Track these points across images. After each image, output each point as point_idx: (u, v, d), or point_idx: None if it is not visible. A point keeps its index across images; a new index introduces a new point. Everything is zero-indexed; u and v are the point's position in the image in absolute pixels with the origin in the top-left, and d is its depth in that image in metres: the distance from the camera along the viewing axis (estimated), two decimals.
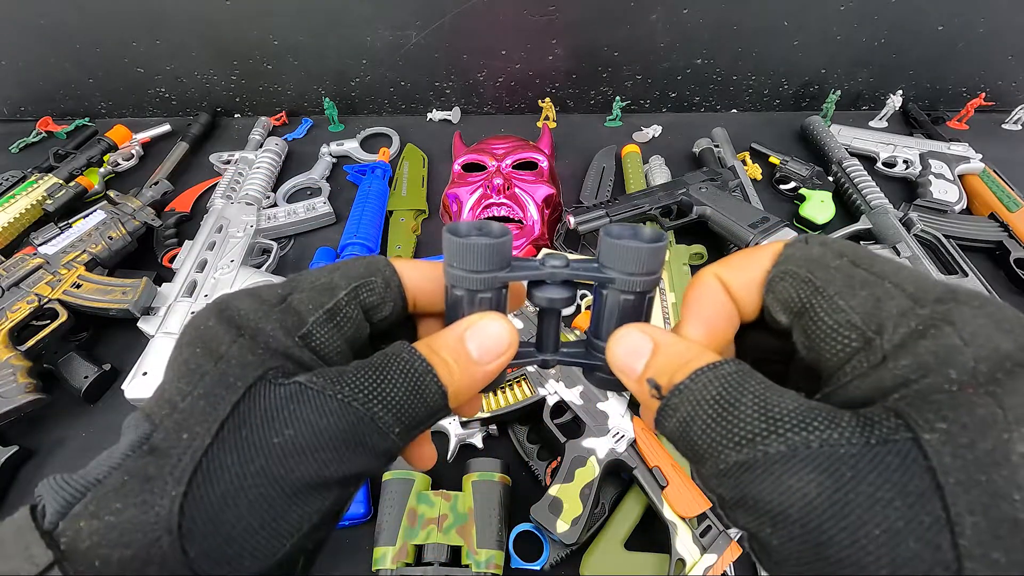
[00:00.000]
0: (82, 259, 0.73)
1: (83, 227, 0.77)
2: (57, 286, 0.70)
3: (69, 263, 0.72)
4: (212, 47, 1.01)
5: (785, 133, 1.01)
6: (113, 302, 0.68)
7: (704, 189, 0.78)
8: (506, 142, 0.86)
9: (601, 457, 0.54)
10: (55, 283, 0.70)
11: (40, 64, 1.04)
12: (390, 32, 0.97)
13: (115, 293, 0.69)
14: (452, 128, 1.05)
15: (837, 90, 0.98)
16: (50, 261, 0.72)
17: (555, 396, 0.59)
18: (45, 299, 0.68)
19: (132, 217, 0.79)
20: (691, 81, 1.03)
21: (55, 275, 0.71)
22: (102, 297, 0.69)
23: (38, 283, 0.70)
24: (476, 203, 0.78)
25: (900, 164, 0.91)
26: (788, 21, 0.94)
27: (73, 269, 0.72)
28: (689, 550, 0.51)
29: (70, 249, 0.74)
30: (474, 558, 0.50)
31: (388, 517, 0.52)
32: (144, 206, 0.81)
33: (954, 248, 0.75)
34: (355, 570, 0.54)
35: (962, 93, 1.01)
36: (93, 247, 0.75)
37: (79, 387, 0.65)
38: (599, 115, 1.06)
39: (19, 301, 0.68)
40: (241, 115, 1.11)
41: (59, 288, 0.69)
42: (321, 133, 1.05)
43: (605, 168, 0.93)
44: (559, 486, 0.53)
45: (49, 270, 0.71)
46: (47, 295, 0.69)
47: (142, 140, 1.03)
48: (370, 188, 0.87)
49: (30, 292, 0.69)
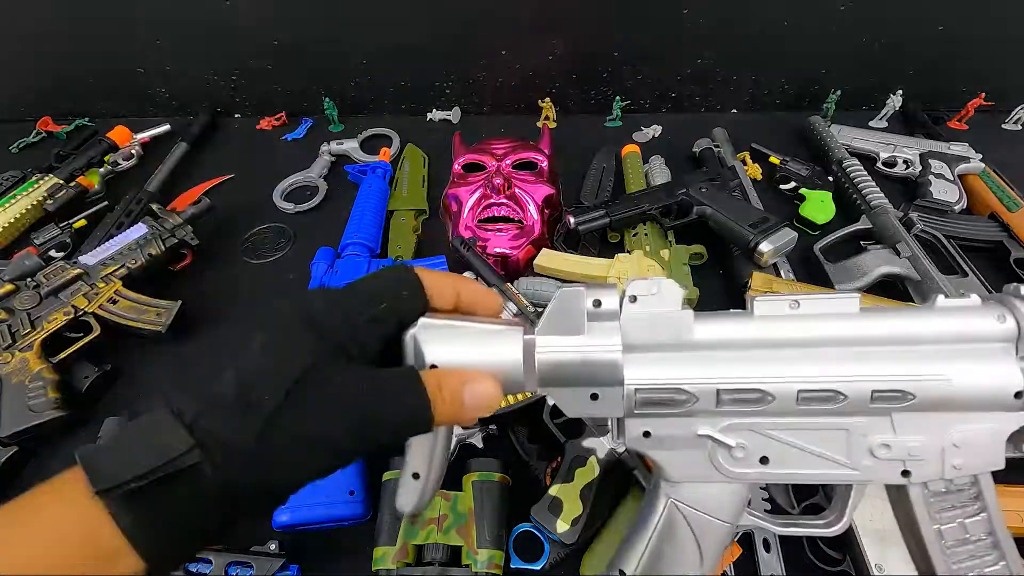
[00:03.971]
0: (120, 273, 0.72)
1: (123, 239, 0.76)
2: (94, 299, 0.69)
3: (107, 276, 0.71)
4: (212, 47, 1.01)
5: (785, 133, 1.01)
6: (147, 323, 0.68)
7: (704, 189, 0.78)
8: (506, 142, 0.86)
9: (601, 457, 0.54)
10: (92, 296, 0.69)
11: (40, 64, 1.04)
12: (390, 32, 0.97)
13: (149, 314, 0.69)
14: (452, 128, 1.05)
15: (837, 90, 0.98)
16: (89, 273, 0.71)
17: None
18: (81, 311, 0.68)
19: (171, 234, 0.77)
20: (691, 81, 1.03)
21: (92, 287, 0.70)
22: (136, 316, 0.69)
23: (76, 294, 0.69)
24: (476, 203, 0.78)
25: (900, 164, 0.91)
26: (788, 21, 0.94)
27: (111, 283, 0.71)
28: None
29: (109, 262, 0.73)
30: (474, 558, 0.50)
31: (388, 517, 0.52)
32: (183, 223, 0.79)
33: (954, 248, 0.75)
34: (355, 570, 0.54)
35: (962, 93, 1.00)
36: (132, 263, 0.74)
37: (79, 388, 0.65)
38: (599, 115, 1.06)
39: (56, 311, 0.67)
40: (241, 115, 1.11)
41: (96, 302, 0.69)
42: (321, 133, 1.05)
43: (605, 168, 0.93)
44: (559, 486, 0.53)
45: (88, 282, 0.70)
46: (83, 307, 0.68)
47: (142, 140, 1.03)
48: (371, 188, 0.87)
49: (68, 303, 0.68)
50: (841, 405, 0.29)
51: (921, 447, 0.30)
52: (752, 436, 0.31)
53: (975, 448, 0.30)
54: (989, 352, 0.28)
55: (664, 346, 0.30)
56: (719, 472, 0.32)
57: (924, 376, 0.28)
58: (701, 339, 0.30)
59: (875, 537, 0.50)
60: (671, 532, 0.33)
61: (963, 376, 0.28)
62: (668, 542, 0.33)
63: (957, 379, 0.28)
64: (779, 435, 0.31)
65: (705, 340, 0.30)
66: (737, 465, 0.32)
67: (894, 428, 0.30)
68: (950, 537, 0.31)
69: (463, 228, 0.76)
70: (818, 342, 0.30)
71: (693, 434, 0.31)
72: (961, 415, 0.29)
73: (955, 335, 0.29)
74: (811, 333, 0.30)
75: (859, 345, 0.29)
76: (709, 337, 0.30)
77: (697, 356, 0.30)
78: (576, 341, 0.30)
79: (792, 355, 0.30)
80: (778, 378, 0.29)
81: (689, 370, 0.30)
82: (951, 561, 0.31)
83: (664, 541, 0.33)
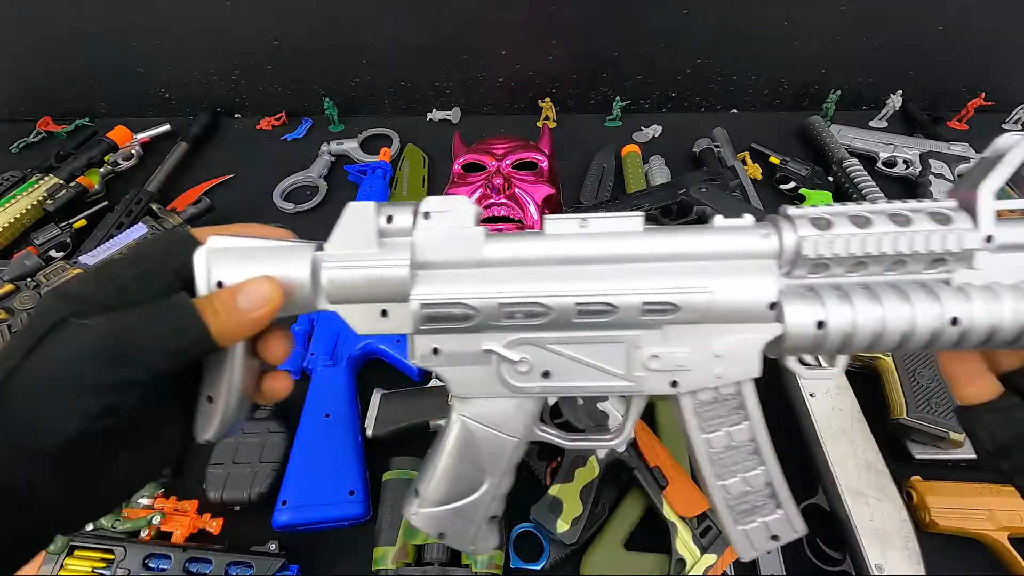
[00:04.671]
0: None
1: (123, 239, 0.76)
2: None
3: None
4: (212, 47, 1.01)
5: (785, 133, 1.01)
6: None
7: (704, 189, 0.78)
8: (506, 142, 0.86)
9: (601, 457, 0.54)
10: None
11: (40, 64, 1.04)
12: (390, 32, 0.97)
13: None
14: (452, 128, 1.05)
15: (837, 90, 0.98)
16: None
17: (555, 396, 0.59)
18: None
19: None
20: (691, 81, 1.03)
21: None
22: None
23: None
24: (476, 203, 0.78)
25: (900, 164, 0.91)
26: (788, 21, 0.94)
27: None
28: (689, 550, 0.51)
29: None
30: (474, 558, 0.50)
31: (388, 517, 0.52)
32: (183, 223, 0.79)
33: None
34: (355, 570, 0.54)
35: (962, 93, 1.00)
36: None
37: None
38: (599, 115, 1.06)
39: None
40: (241, 115, 1.11)
41: None
42: (321, 133, 1.05)
43: (605, 168, 0.93)
44: (559, 486, 0.53)
45: None
46: None
47: (142, 140, 1.03)
48: (371, 188, 0.87)
49: None
50: (615, 318, 0.30)
51: (687, 357, 0.31)
52: (535, 351, 0.32)
53: (734, 357, 0.31)
54: (751, 267, 0.30)
55: (453, 263, 0.31)
56: (505, 388, 0.33)
57: (689, 289, 0.30)
58: (490, 256, 0.31)
59: (875, 537, 0.50)
60: (460, 448, 0.34)
61: (724, 289, 0.29)
62: (458, 458, 0.34)
63: (719, 292, 0.29)
64: (560, 349, 0.32)
65: (494, 258, 0.31)
66: (521, 380, 0.33)
67: (664, 340, 0.31)
68: (718, 444, 0.33)
69: None
70: (601, 259, 0.31)
71: (479, 350, 0.32)
72: (723, 327, 0.30)
73: (727, 252, 0.30)
74: (595, 251, 0.31)
75: (639, 262, 0.30)
76: (499, 255, 0.31)
77: (484, 273, 0.31)
78: (364, 257, 0.30)
79: (573, 271, 0.31)
80: (557, 292, 0.30)
81: (474, 286, 0.30)
82: (718, 467, 0.33)
83: (454, 458, 0.34)
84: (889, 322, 0.28)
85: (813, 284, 0.30)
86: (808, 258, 0.29)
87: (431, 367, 0.33)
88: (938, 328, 0.28)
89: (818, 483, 0.55)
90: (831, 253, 0.29)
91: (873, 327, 0.28)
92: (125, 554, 0.52)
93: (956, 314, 0.27)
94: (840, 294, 0.29)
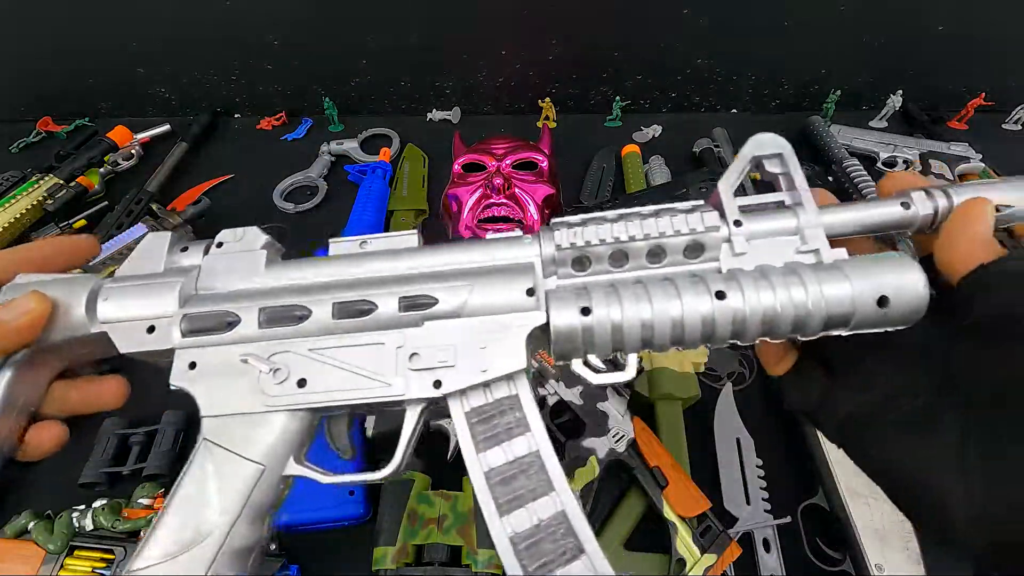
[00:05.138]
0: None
1: (123, 239, 0.76)
2: None
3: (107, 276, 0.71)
4: (212, 47, 1.01)
5: (785, 133, 1.00)
6: None
7: (704, 189, 0.78)
8: (506, 142, 0.86)
9: (601, 457, 0.54)
10: None
11: (40, 64, 1.04)
12: (390, 32, 0.97)
13: None
14: (452, 128, 1.05)
15: (837, 90, 0.98)
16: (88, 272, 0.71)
17: (555, 396, 0.59)
18: None
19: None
20: (691, 81, 1.03)
21: None
22: None
23: None
24: (476, 203, 0.78)
25: (900, 164, 0.91)
26: (788, 21, 0.94)
27: None
28: (689, 550, 0.51)
29: (109, 262, 0.73)
30: (474, 558, 0.50)
31: (388, 517, 0.52)
32: (183, 223, 0.79)
33: None
34: (355, 570, 0.54)
35: (962, 93, 1.00)
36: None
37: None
38: (599, 115, 1.06)
39: None
40: (241, 115, 1.11)
41: None
42: (321, 133, 1.05)
43: (605, 168, 0.93)
44: None
45: None
46: None
47: (142, 140, 1.03)
48: (371, 188, 0.87)
49: None
50: (375, 316, 0.30)
51: (450, 353, 0.30)
52: (291, 358, 0.30)
53: (499, 349, 0.29)
54: (515, 265, 0.31)
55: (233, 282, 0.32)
56: (257, 400, 0.30)
57: (448, 283, 0.30)
58: (269, 272, 0.32)
59: (875, 537, 0.50)
60: (198, 473, 0.31)
61: (483, 278, 0.30)
62: (195, 483, 0.31)
63: (478, 282, 0.30)
64: (318, 355, 0.31)
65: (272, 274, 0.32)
66: (275, 391, 0.30)
67: (426, 336, 0.30)
68: (496, 461, 0.30)
69: (463, 228, 0.77)
70: (374, 271, 0.32)
71: (236, 359, 0.31)
72: (485, 319, 0.30)
73: (496, 257, 0.31)
74: (370, 267, 0.32)
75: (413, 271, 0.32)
76: (277, 272, 0.32)
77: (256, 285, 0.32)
78: (143, 278, 0.33)
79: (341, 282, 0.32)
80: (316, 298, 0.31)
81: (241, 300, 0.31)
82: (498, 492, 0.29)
83: (193, 482, 0.31)
84: (657, 306, 0.27)
85: (585, 283, 0.30)
86: (562, 247, 0.29)
87: (187, 386, 0.31)
88: (707, 311, 0.27)
89: (818, 483, 0.55)
90: (583, 240, 0.29)
91: (640, 314, 0.27)
92: (125, 554, 0.52)
93: (721, 287, 0.27)
94: (606, 286, 0.28)
